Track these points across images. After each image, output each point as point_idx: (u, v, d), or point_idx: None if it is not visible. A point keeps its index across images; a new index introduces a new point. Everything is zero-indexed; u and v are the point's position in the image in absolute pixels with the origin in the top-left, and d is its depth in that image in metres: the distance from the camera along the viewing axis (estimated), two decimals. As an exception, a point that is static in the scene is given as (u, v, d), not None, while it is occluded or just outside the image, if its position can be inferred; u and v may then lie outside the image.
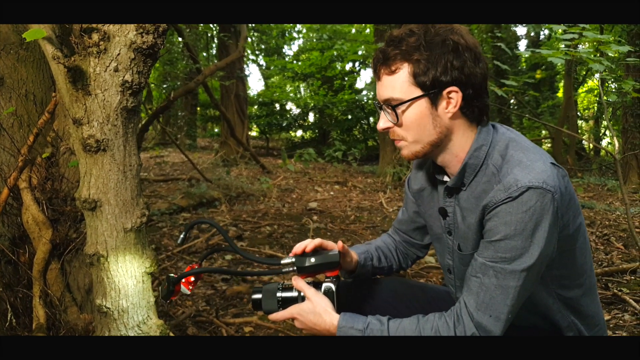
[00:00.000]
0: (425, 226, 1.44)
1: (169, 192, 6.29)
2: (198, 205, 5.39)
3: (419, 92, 1.09)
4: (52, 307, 1.59)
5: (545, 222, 1.01)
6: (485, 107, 1.14)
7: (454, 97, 1.09)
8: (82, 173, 1.40)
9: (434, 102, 1.10)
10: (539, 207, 1.00)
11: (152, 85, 12.37)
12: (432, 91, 1.08)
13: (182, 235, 1.37)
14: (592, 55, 3.56)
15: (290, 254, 1.27)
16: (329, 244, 1.32)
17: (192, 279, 1.30)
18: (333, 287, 1.21)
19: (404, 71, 1.09)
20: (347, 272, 1.44)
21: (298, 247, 1.26)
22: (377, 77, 1.14)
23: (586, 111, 17.64)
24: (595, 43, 4.02)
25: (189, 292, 1.30)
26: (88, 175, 1.39)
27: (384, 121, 1.16)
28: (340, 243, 1.31)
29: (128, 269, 1.46)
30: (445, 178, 1.24)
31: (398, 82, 1.10)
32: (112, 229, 1.42)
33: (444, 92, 1.09)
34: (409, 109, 1.11)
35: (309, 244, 1.26)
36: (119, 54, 1.32)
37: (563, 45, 3.64)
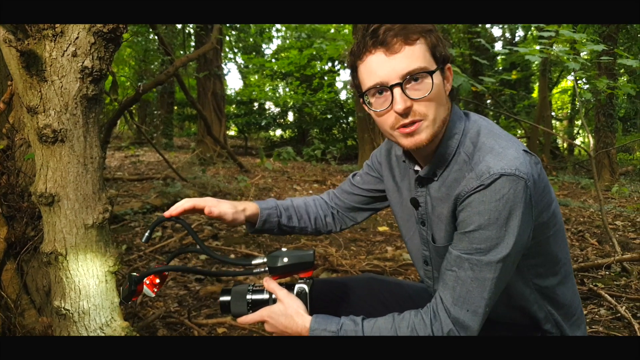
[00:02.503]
0: (375, 198, 1.43)
1: (143, 191, 6.14)
2: (172, 204, 5.23)
3: (435, 65, 1.04)
4: (8, 311, 1.49)
5: (519, 210, 0.97)
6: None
7: (450, 74, 1.09)
8: (38, 165, 1.31)
9: (443, 77, 1.08)
10: (512, 194, 0.96)
11: (123, 78, 12.08)
12: (443, 65, 1.06)
13: (147, 233, 1.27)
14: (569, 54, 3.60)
15: (165, 214, 1.23)
16: (207, 205, 1.26)
17: (157, 280, 1.22)
18: (306, 288, 1.15)
19: (422, 42, 1.03)
20: (250, 224, 1.40)
21: (173, 210, 1.24)
22: (391, 50, 1.01)
23: (560, 111, 18.00)
24: (568, 45, 4.07)
25: (153, 295, 1.22)
26: (44, 168, 1.30)
27: (405, 99, 1.01)
28: (208, 208, 1.26)
29: (89, 268, 1.37)
30: (417, 167, 1.20)
31: (421, 52, 1.02)
32: (71, 226, 1.34)
33: (446, 68, 1.08)
34: (435, 81, 1.03)
35: (177, 207, 1.24)
36: (77, 38, 1.23)
37: (538, 47, 3.71)
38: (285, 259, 1.15)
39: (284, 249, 1.20)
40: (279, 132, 18.37)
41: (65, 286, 1.35)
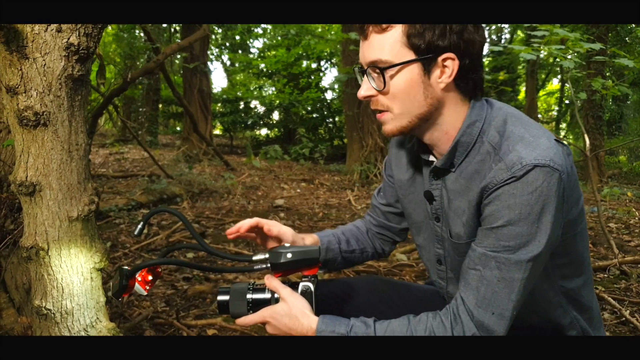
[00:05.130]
0: (399, 213, 1.33)
1: (128, 188, 5.98)
2: (158, 201, 5.13)
3: (411, 56, 0.95)
4: (-18, 310, 1.37)
5: (552, 205, 0.89)
6: (481, 81, 1.02)
7: (449, 66, 0.96)
8: (18, 152, 1.20)
9: (427, 70, 0.96)
10: (546, 188, 0.88)
11: (109, 74, 11.84)
12: (426, 56, 0.94)
13: (139, 226, 1.16)
14: (563, 53, 3.56)
15: (230, 233, 1.19)
16: (267, 223, 1.22)
17: (150, 277, 1.11)
18: (312, 287, 1.06)
19: (397, 30, 0.94)
20: None
21: (233, 229, 1.19)
22: (363, 35, 0.99)
23: (545, 114, 18.18)
24: (562, 43, 4.04)
25: (145, 293, 1.11)
26: (25, 155, 1.19)
27: (367, 88, 1.00)
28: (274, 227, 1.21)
29: (73, 264, 1.26)
30: (432, 158, 1.11)
31: (389, 42, 0.95)
32: (54, 218, 1.22)
33: (439, 59, 0.95)
34: (398, 75, 0.96)
35: (244, 224, 1.19)
36: (63, 11, 1.12)
37: (524, 47, 3.69)
38: (289, 255, 1.06)
39: (286, 244, 1.11)
40: (264, 131, 18.20)
41: (47, 284, 1.24)
